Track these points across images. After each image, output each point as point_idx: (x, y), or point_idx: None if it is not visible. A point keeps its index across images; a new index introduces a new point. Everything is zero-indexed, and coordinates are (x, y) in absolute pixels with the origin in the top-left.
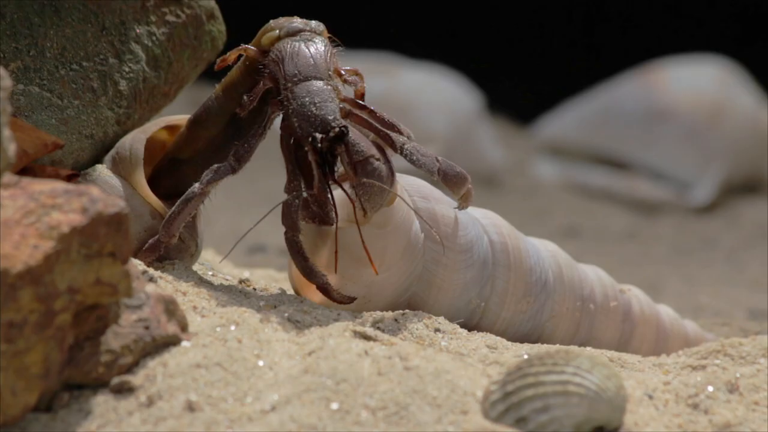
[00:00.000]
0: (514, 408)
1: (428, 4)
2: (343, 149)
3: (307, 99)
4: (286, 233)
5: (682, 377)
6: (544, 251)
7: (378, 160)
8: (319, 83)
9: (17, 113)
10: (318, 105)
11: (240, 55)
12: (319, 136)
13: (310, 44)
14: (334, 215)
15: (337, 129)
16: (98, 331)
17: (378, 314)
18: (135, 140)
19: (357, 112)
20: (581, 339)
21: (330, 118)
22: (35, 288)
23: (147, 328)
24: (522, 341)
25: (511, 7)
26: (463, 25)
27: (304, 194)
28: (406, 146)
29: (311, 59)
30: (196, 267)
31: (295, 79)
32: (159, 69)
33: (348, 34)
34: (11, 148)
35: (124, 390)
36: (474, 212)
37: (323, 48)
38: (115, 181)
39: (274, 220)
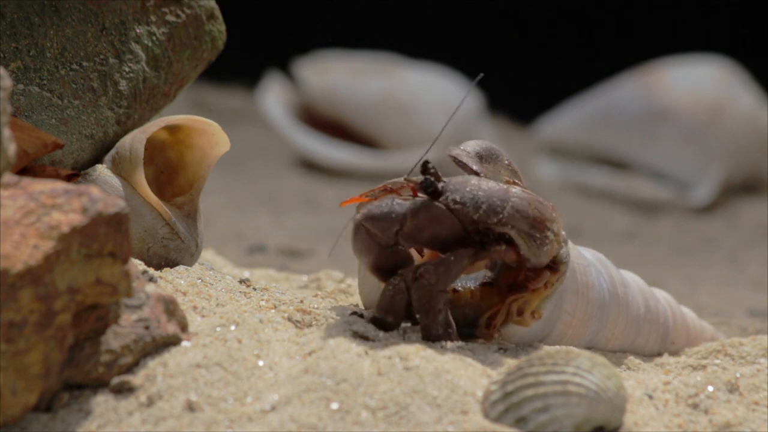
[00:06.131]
0: (514, 408)
1: (428, 4)
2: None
3: None
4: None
5: (682, 377)
6: (602, 268)
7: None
8: None
9: (17, 113)
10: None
11: None
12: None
13: None
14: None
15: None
16: (98, 331)
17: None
18: (135, 140)
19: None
20: (628, 347)
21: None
22: (35, 288)
23: (147, 328)
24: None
25: (511, 8)
26: (463, 25)
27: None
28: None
29: None
30: (196, 267)
31: None
32: (159, 69)
33: (348, 34)
34: (11, 148)
35: (124, 390)
36: None
37: None
38: (115, 181)
39: (274, 220)
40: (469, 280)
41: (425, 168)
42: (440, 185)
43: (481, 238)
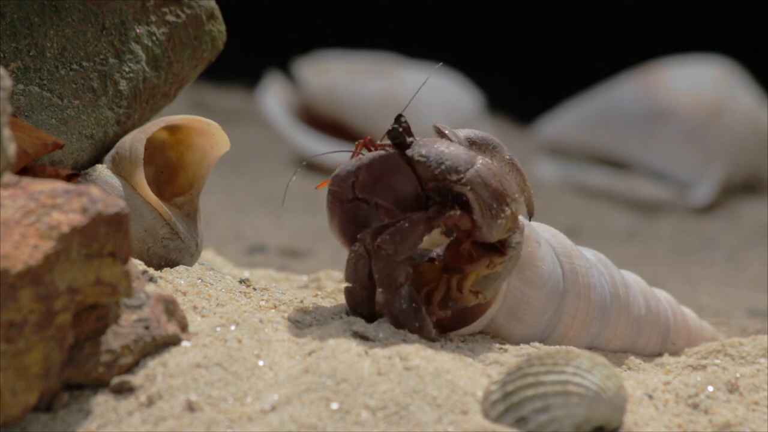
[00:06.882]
0: (514, 408)
1: (428, 4)
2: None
3: None
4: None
5: (682, 377)
6: (604, 269)
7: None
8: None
9: (17, 113)
10: None
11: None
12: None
13: None
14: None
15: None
16: (98, 331)
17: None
18: (135, 140)
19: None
20: (628, 348)
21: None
22: (35, 288)
23: (147, 328)
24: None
25: (511, 8)
26: (464, 25)
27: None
28: None
29: None
30: (196, 267)
31: None
32: (159, 69)
33: (348, 34)
34: (11, 148)
35: (124, 390)
36: (543, 232)
37: None
38: (115, 181)
39: (275, 220)
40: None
41: (397, 120)
42: (409, 139)
43: (439, 198)
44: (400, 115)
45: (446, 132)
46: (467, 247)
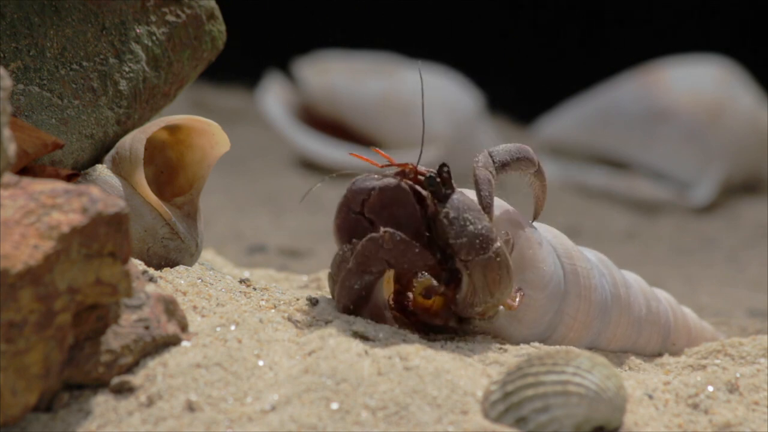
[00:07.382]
0: (514, 408)
1: (428, 4)
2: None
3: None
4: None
5: (682, 377)
6: (605, 270)
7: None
8: None
9: (17, 113)
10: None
11: None
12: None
13: None
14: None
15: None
16: (98, 331)
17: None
18: (135, 140)
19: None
20: (629, 348)
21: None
22: (35, 288)
23: (147, 328)
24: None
25: (511, 8)
26: (464, 25)
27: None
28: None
29: None
30: (196, 267)
31: None
32: (159, 69)
33: (348, 34)
34: (11, 148)
35: (124, 390)
36: (545, 233)
37: None
38: (115, 181)
39: (275, 220)
40: None
41: (440, 170)
42: (447, 191)
43: (441, 256)
44: (444, 164)
45: (480, 188)
46: (434, 300)
